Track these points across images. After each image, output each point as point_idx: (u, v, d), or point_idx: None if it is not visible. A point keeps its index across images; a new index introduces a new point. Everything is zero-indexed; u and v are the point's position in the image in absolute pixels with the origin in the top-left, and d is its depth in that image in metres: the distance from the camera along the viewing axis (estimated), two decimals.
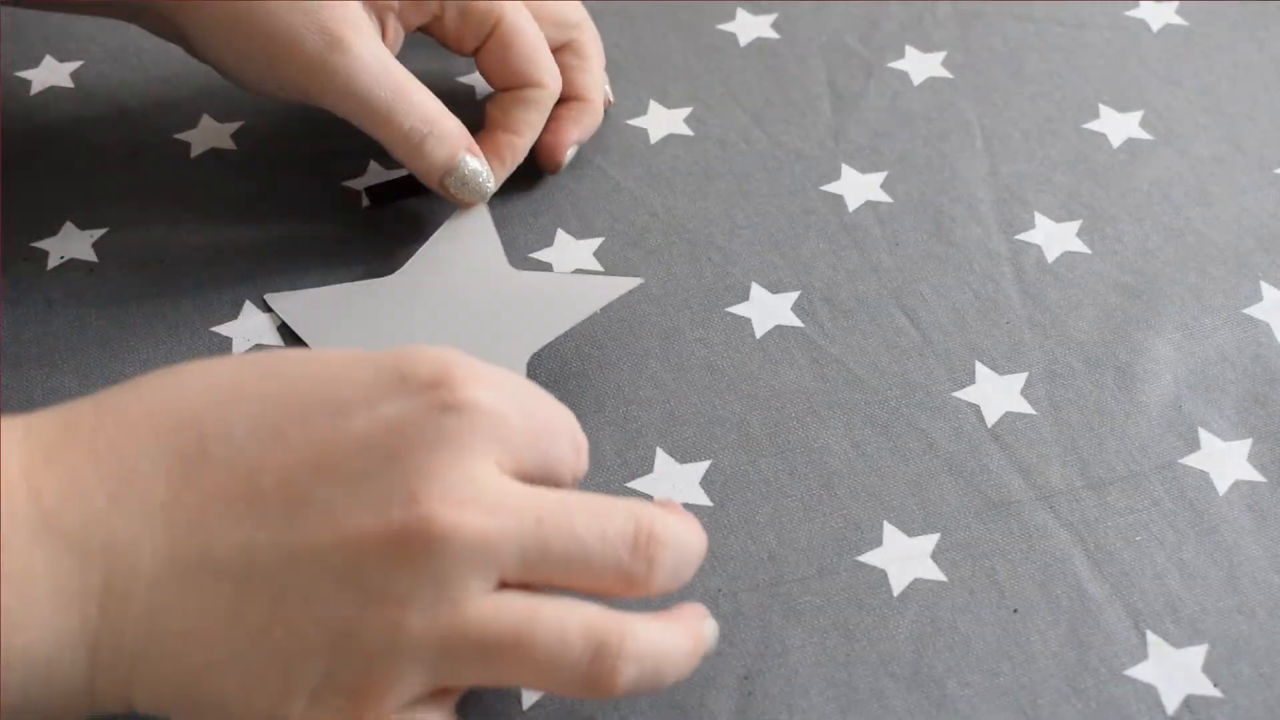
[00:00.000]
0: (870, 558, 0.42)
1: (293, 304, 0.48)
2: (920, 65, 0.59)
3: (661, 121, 0.56)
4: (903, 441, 0.45)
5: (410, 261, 0.49)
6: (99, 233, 0.51)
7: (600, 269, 0.50)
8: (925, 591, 0.41)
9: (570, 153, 0.52)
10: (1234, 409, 0.46)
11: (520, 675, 0.32)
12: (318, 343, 0.46)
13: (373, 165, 0.53)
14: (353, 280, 0.49)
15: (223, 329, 0.47)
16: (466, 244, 0.50)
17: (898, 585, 0.41)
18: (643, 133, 0.55)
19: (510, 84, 0.50)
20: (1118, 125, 0.56)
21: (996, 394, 0.46)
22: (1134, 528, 0.42)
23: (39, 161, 0.53)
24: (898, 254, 0.51)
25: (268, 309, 0.48)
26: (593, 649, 0.31)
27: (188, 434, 0.30)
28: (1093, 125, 0.56)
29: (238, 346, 0.47)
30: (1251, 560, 0.41)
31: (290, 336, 0.47)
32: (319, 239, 0.50)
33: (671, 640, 0.33)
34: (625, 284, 0.47)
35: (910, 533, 0.42)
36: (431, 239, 0.50)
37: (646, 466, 0.44)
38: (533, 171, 0.53)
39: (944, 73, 0.58)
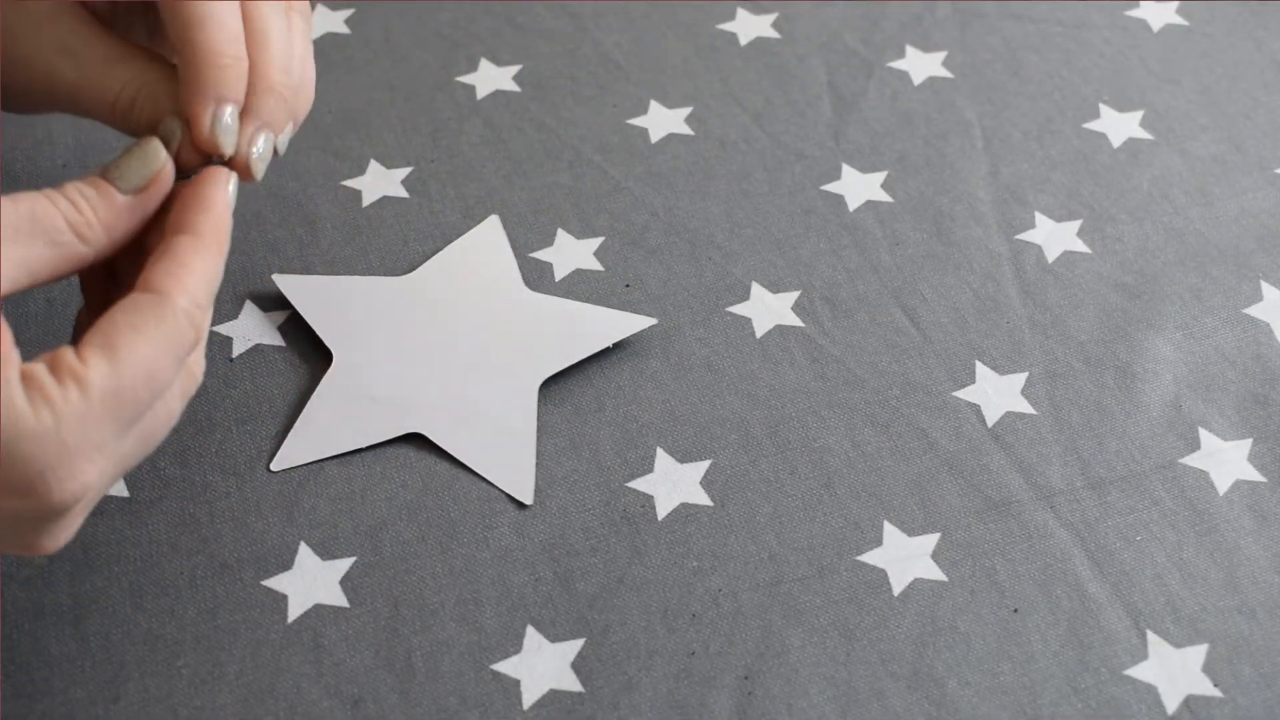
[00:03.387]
0: (870, 557, 0.42)
1: (300, 287, 0.48)
2: (920, 65, 0.59)
3: (662, 121, 0.56)
4: (903, 441, 0.45)
5: (424, 265, 0.49)
6: None
7: (600, 269, 0.50)
8: (925, 591, 0.41)
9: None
10: (1234, 409, 0.46)
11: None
12: (322, 328, 0.46)
13: (373, 165, 0.54)
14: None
15: (223, 328, 0.47)
16: (482, 256, 0.50)
17: (898, 585, 0.41)
18: (643, 132, 0.55)
19: None
20: (1118, 125, 0.56)
21: (997, 394, 0.46)
22: (1134, 528, 0.42)
23: (40, 162, 0.53)
24: (898, 254, 0.51)
25: (268, 308, 0.48)
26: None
27: None
28: (1093, 125, 0.56)
29: (238, 346, 0.47)
30: (1251, 560, 0.42)
31: (291, 335, 0.47)
32: (320, 239, 0.50)
33: (216, 274, 0.35)
34: (639, 322, 0.47)
35: (910, 533, 0.42)
36: (448, 247, 0.50)
37: (646, 466, 0.44)
38: (534, 170, 0.53)
39: (944, 73, 0.58)
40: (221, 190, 0.36)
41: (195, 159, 0.37)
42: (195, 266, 0.34)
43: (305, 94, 0.41)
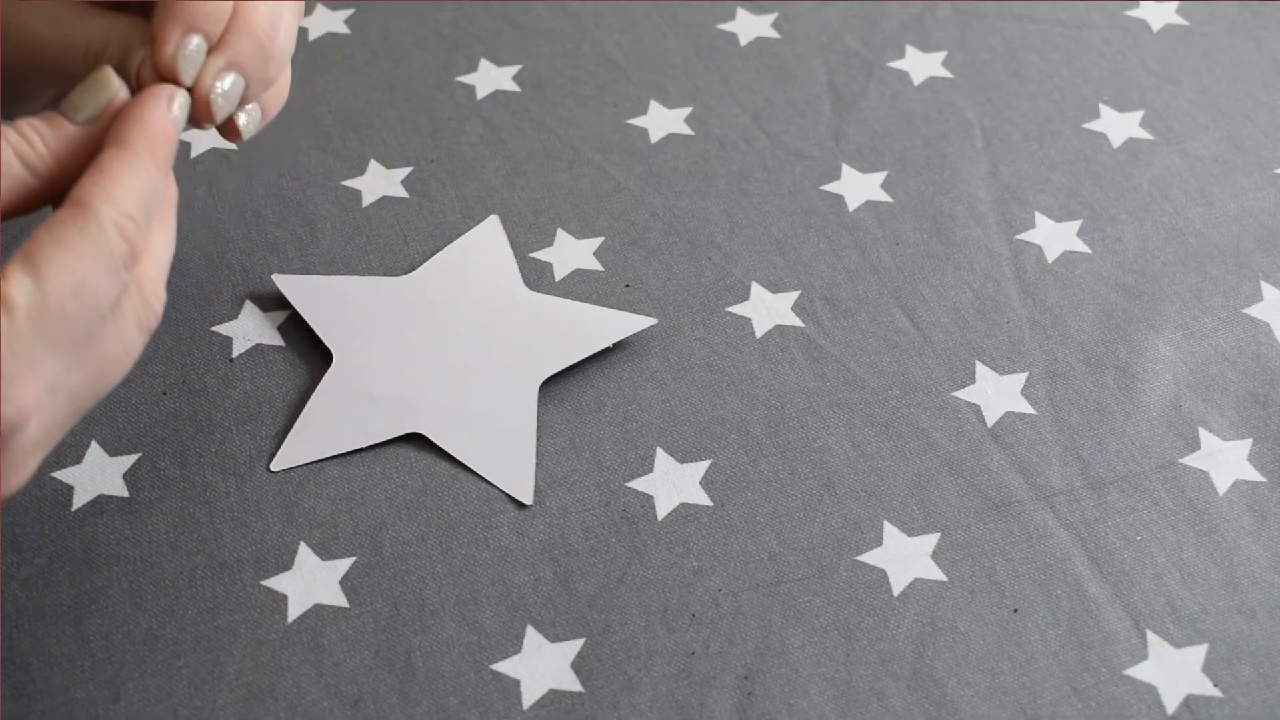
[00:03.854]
0: (870, 558, 0.42)
1: (299, 287, 0.48)
2: (920, 65, 0.59)
3: (662, 121, 0.56)
4: (903, 441, 0.45)
5: (424, 265, 0.49)
6: None
7: (600, 269, 0.50)
8: (925, 591, 0.41)
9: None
10: (1234, 409, 0.46)
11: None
12: (322, 328, 0.46)
13: (373, 165, 0.54)
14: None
15: (223, 329, 0.47)
16: (482, 256, 0.50)
17: (898, 585, 0.41)
18: (643, 132, 0.55)
19: None
20: (1118, 125, 0.56)
21: (996, 394, 0.46)
22: (1134, 528, 0.42)
23: None
24: (898, 254, 0.51)
25: (268, 308, 0.48)
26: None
27: None
28: (1093, 125, 0.56)
29: (238, 346, 0.47)
30: (1251, 560, 0.42)
31: (291, 335, 0.47)
32: (319, 240, 0.51)
33: (149, 187, 0.33)
34: (639, 322, 0.47)
35: (910, 533, 0.42)
36: (448, 247, 0.50)
37: (646, 466, 0.44)
38: (534, 170, 0.53)
39: (944, 73, 0.58)
40: (157, 104, 0.35)
41: None
42: (121, 177, 0.33)
43: (281, 84, 0.40)
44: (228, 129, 0.39)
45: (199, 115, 0.37)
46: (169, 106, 0.35)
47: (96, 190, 0.32)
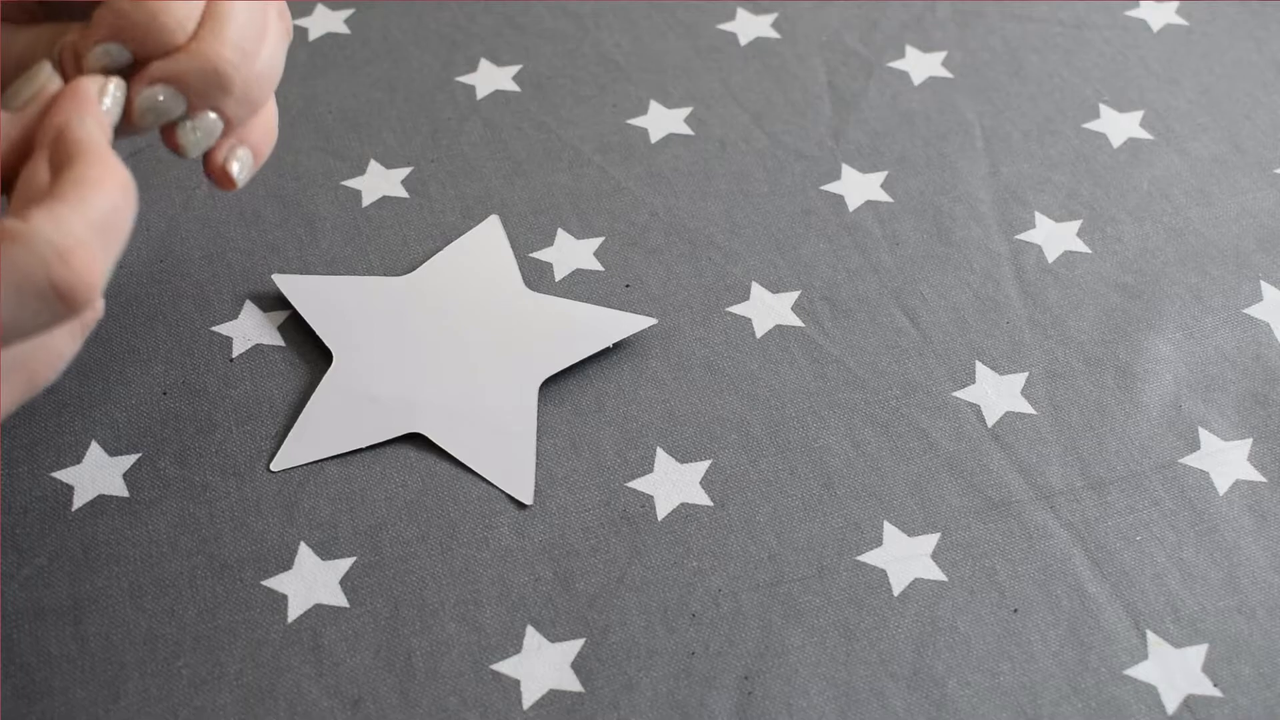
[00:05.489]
0: (870, 558, 0.42)
1: (299, 286, 0.48)
2: (920, 65, 0.59)
3: (661, 121, 0.56)
4: (903, 441, 0.45)
5: (424, 265, 0.49)
6: None
7: (600, 269, 0.50)
8: (925, 591, 0.41)
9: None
10: (1234, 409, 0.46)
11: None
12: (322, 328, 0.46)
13: (372, 165, 0.54)
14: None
15: (223, 329, 0.47)
16: (482, 257, 0.50)
17: (898, 585, 0.41)
18: (643, 132, 0.55)
19: None
20: (1118, 125, 0.56)
21: (996, 394, 0.46)
22: (1134, 528, 0.42)
23: None
24: (898, 254, 0.51)
25: (268, 308, 0.48)
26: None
27: None
28: (1093, 125, 0.56)
29: (238, 346, 0.47)
30: (1251, 560, 0.42)
31: (292, 335, 0.47)
32: (319, 240, 0.51)
33: (103, 200, 0.31)
34: (639, 322, 0.47)
35: (910, 533, 0.42)
36: (448, 247, 0.50)
37: (646, 466, 0.44)
38: (534, 170, 0.53)
39: (944, 73, 0.58)
40: (89, 88, 0.33)
41: None
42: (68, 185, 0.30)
43: (268, 121, 0.39)
44: (220, 177, 0.38)
45: (127, 120, 0.35)
46: (99, 93, 0.34)
47: (40, 209, 0.30)
